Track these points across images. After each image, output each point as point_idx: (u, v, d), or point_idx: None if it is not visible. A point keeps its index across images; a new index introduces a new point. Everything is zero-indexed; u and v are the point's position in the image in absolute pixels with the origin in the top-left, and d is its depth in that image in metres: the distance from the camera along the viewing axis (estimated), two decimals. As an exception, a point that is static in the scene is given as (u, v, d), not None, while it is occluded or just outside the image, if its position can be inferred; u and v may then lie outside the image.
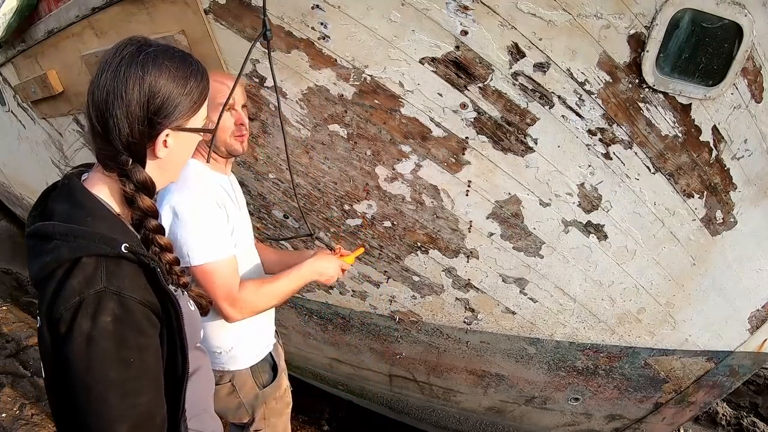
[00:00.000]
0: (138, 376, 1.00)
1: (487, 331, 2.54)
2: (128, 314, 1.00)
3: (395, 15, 1.77)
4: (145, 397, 1.02)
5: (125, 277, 1.01)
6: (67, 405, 1.01)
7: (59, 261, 0.98)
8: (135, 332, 1.01)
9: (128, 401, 0.99)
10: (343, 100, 1.98)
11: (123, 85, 1.04)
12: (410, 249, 2.31)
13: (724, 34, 1.77)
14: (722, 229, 2.26)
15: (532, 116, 1.93)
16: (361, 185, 2.17)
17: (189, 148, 1.18)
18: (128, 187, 1.09)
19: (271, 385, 1.87)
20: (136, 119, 1.05)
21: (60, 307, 0.97)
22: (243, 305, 1.61)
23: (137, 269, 1.04)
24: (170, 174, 1.19)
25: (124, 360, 0.99)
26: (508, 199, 2.11)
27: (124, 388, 0.99)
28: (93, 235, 1.00)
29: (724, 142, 2.00)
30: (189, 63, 1.12)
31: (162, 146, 1.10)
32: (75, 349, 0.96)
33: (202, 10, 1.88)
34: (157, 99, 1.06)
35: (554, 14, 1.73)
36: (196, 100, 1.12)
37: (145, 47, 1.07)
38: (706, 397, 2.89)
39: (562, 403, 2.85)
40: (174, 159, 1.16)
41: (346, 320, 2.75)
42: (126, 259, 1.02)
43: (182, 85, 1.09)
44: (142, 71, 1.04)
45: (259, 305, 1.66)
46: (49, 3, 2.46)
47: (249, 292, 1.62)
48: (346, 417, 3.84)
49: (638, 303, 2.40)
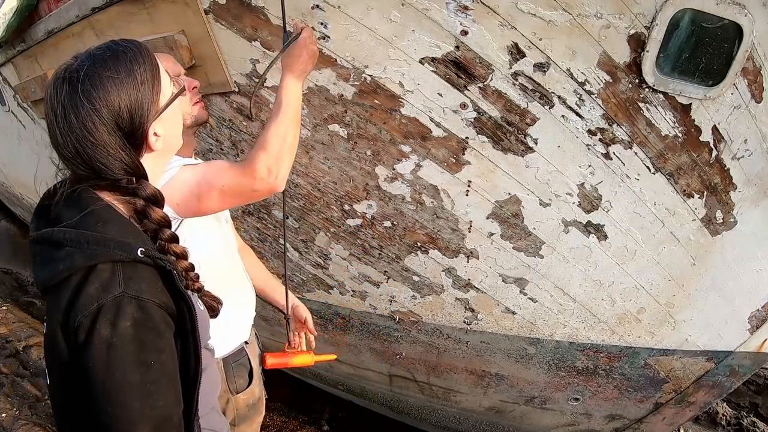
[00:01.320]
0: (157, 379, 1.00)
1: (487, 331, 2.54)
2: (148, 318, 0.99)
3: (395, 15, 1.77)
4: (164, 398, 1.01)
5: (142, 281, 1.00)
6: (83, 411, 1.00)
7: (73, 269, 0.97)
8: (154, 335, 1.00)
9: (148, 403, 0.98)
10: (343, 100, 1.98)
11: (85, 131, 0.99)
12: (410, 249, 2.31)
13: (724, 34, 1.77)
14: (722, 229, 2.26)
15: (532, 116, 1.93)
16: (361, 185, 2.17)
17: (177, 117, 1.15)
18: (138, 203, 1.06)
19: (244, 391, 1.80)
20: (119, 148, 1.02)
21: (78, 314, 0.95)
22: (257, 161, 1.37)
23: (153, 272, 1.03)
24: (174, 147, 1.18)
25: (144, 363, 0.98)
26: (508, 199, 2.11)
27: (144, 390, 0.98)
28: (107, 241, 0.99)
29: (724, 142, 2.00)
30: (122, 53, 1.04)
31: (155, 139, 1.08)
32: (95, 356, 0.95)
33: (202, 10, 1.88)
34: (123, 115, 1.01)
35: (554, 14, 1.73)
36: (153, 79, 1.07)
37: (74, 77, 1.00)
38: (706, 397, 2.89)
39: (562, 403, 2.85)
40: (172, 137, 1.14)
41: (346, 320, 2.74)
42: (142, 262, 1.01)
43: (132, 81, 1.03)
44: (91, 104, 0.99)
45: (274, 145, 1.39)
46: (49, 3, 2.46)
47: (254, 149, 1.40)
48: (346, 417, 3.84)
49: (638, 303, 2.40)
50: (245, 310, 1.86)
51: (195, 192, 1.40)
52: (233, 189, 1.40)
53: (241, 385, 1.80)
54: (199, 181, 1.40)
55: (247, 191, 1.41)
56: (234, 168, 1.40)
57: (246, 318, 1.86)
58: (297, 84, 1.49)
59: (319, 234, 2.39)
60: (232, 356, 1.78)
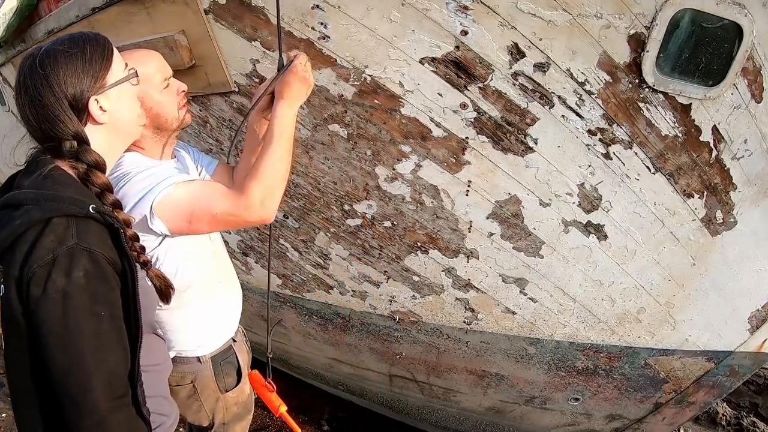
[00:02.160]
0: (107, 331, 1.05)
1: (487, 331, 2.54)
2: (99, 270, 1.05)
3: (395, 15, 1.77)
4: (113, 353, 1.06)
5: (93, 235, 1.07)
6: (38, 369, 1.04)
7: (30, 222, 1.03)
8: (106, 288, 1.06)
9: (100, 356, 1.03)
10: (343, 100, 1.98)
11: (35, 93, 1.12)
12: (410, 249, 2.31)
13: (724, 34, 1.77)
14: (722, 229, 2.26)
15: (532, 116, 1.93)
16: (361, 185, 2.17)
17: (127, 100, 1.25)
18: (80, 167, 1.16)
19: (234, 389, 1.80)
20: (61, 111, 1.13)
21: (34, 265, 1.00)
22: (251, 193, 1.39)
23: (103, 229, 1.10)
24: (127, 131, 1.28)
25: (96, 314, 1.03)
26: (508, 199, 2.11)
27: (96, 342, 1.03)
28: (62, 198, 1.06)
29: (724, 142, 2.00)
30: (79, 36, 1.19)
31: (99, 112, 1.18)
32: (50, 306, 1.00)
33: (202, 10, 1.88)
34: (67, 82, 1.13)
35: (554, 14, 1.73)
36: (102, 59, 1.18)
37: (35, 52, 1.15)
38: (706, 397, 2.89)
39: (562, 403, 2.85)
40: (121, 116, 1.23)
41: (346, 320, 2.75)
42: (93, 219, 1.08)
43: (80, 56, 1.15)
44: (42, 70, 1.12)
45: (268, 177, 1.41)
46: (49, 3, 2.46)
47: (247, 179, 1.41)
48: (346, 417, 3.84)
49: (638, 303, 2.40)
50: (232, 308, 1.85)
51: (186, 215, 1.43)
52: (226, 218, 1.44)
53: (230, 384, 1.80)
54: (192, 206, 1.42)
55: (240, 221, 1.46)
56: (228, 197, 1.42)
57: (233, 315, 1.86)
58: (290, 112, 1.48)
59: (319, 234, 2.39)
60: (220, 354, 1.78)
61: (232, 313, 1.86)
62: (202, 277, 1.71)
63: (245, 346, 1.94)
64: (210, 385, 1.75)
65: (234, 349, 1.83)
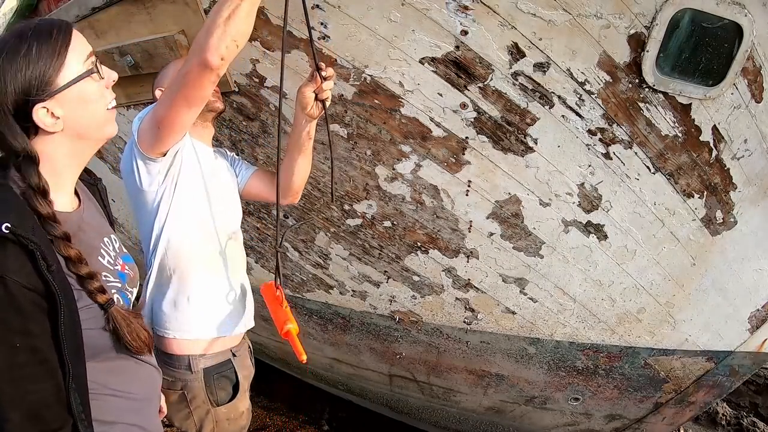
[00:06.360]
0: (27, 362, 0.97)
1: (487, 331, 2.54)
2: (10, 297, 0.95)
3: (395, 15, 1.77)
4: (39, 383, 0.98)
5: (8, 259, 0.95)
6: None
7: None
8: (21, 317, 0.96)
9: (21, 388, 0.96)
10: (343, 100, 1.98)
11: None
12: (410, 249, 2.31)
13: (724, 34, 1.77)
14: (722, 229, 2.26)
15: (532, 116, 1.93)
16: (361, 185, 2.17)
17: (86, 101, 1.07)
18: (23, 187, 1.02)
19: (227, 404, 1.73)
20: (3, 124, 0.99)
21: None
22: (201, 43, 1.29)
23: (22, 252, 0.96)
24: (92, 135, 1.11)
25: (9, 344, 0.95)
26: (508, 199, 2.11)
27: (11, 374, 0.95)
28: None
29: (724, 142, 2.00)
30: (27, 27, 1.02)
31: (50, 120, 1.03)
32: None
33: (202, 9, 1.88)
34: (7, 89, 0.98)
35: (554, 14, 1.73)
36: (52, 56, 1.01)
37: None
38: (706, 397, 2.89)
39: (562, 403, 2.85)
40: (80, 120, 1.06)
41: (346, 320, 2.75)
42: (9, 240, 0.95)
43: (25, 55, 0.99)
44: None
45: (208, 21, 1.30)
46: (49, 3, 2.46)
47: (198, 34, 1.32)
48: (346, 417, 3.84)
49: (638, 303, 2.40)
50: (234, 305, 1.78)
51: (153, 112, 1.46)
52: (178, 82, 1.36)
53: (222, 398, 1.74)
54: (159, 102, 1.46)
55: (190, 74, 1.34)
56: (180, 61, 1.45)
57: (233, 315, 1.78)
58: None
59: (319, 234, 2.39)
60: (215, 367, 1.72)
61: (234, 312, 1.77)
62: (209, 253, 1.69)
63: (248, 362, 1.88)
64: (200, 395, 1.70)
65: (233, 364, 1.77)
